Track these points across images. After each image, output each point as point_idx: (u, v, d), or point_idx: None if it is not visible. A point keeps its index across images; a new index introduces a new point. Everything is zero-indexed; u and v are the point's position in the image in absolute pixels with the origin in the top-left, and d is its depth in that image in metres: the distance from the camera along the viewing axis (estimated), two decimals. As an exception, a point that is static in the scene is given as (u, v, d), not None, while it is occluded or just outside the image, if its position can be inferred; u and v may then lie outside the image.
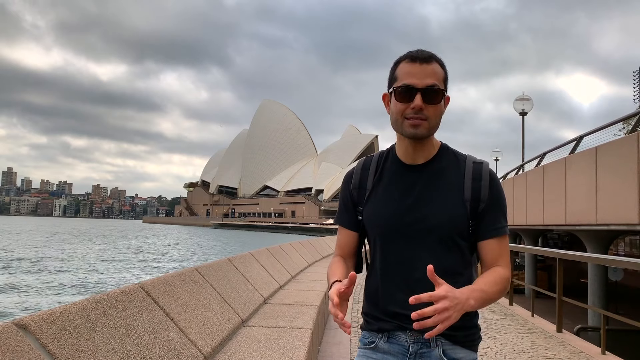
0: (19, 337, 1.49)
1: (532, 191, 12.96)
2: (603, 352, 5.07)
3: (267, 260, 6.18)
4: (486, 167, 1.49)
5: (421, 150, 1.49)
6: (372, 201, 1.52)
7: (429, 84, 1.40)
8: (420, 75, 1.40)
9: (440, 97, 1.42)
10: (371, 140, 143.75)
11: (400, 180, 1.50)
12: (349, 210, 1.60)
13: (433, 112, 1.41)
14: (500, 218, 1.47)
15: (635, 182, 7.43)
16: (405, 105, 1.41)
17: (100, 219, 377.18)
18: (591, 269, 10.39)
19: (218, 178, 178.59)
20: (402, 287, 1.45)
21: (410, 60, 1.43)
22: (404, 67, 1.44)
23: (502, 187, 1.53)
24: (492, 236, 1.46)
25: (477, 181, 1.46)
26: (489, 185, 1.46)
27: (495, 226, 1.46)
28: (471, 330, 1.46)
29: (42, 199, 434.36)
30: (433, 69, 1.42)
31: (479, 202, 1.45)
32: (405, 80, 1.41)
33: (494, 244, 1.46)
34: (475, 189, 1.45)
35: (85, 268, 26.29)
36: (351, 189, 1.58)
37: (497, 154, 33.80)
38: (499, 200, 1.48)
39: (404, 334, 1.46)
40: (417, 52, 1.44)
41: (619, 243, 13.13)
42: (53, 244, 45.43)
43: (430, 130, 1.43)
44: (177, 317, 2.59)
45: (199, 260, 33.42)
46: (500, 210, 1.48)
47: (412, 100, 1.40)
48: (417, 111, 1.40)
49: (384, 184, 1.53)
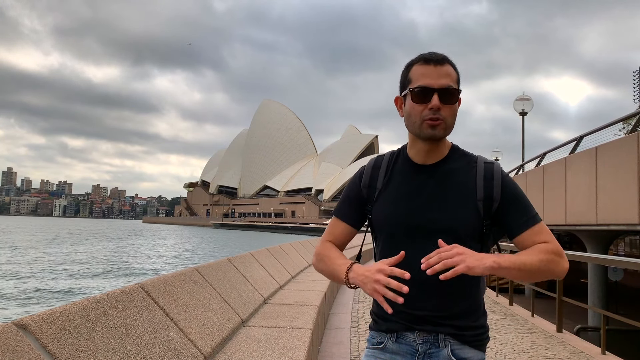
0: (19, 337, 1.49)
1: (532, 191, 12.96)
2: (603, 352, 5.07)
3: (267, 260, 6.18)
4: (497, 167, 1.49)
5: (434, 151, 1.49)
6: (382, 201, 1.52)
7: (445, 84, 1.40)
8: (435, 76, 1.41)
9: (456, 98, 1.43)
10: (371, 140, 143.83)
11: (411, 180, 1.50)
12: (354, 206, 1.59)
13: (449, 112, 1.42)
14: (525, 210, 1.45)
15: (635, 182, 7.43)
16: (422, 106, 1.42)
17: (100, 219, 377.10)
18: (591, 269, 10.39)
19: (218, 178, 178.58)
20: (412, 287, 1.43)
21: (424, 62, 1.44)
22: (418, 69, 1.44)
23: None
24: (523, 230, 1.43)
25: (489, 180, 1.46)
26: (502, 184, 1.46)
27: (523, 219, 1.43)
28: (479, 330, 1.47)
29: (42, 199, 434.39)
30: (447, 70, 1.43)
31: (492, 201, 1.44)
32: (420, 81, 1.42)
33: (529, 235, 1.43)
34: (488, 187, 1.45)
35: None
36: (361, 187, 1.58)
37: (497, 154, 33.80)
38: (517, 194, 1.47)
39: (412, 334, 1.46)
40: (430, 55, 1.45)
41: (619, 243, 13.13)
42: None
43: (447, 130, 1.44)
44: (177, 317, 2.59)
45: (200, 260, 33.42)
46: (521, 203, 1.46)
47: (429, 101, 1.40)
48: (435, 111, 1.40)
49: (395, 184, 1.53)
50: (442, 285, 1.40)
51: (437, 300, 1.43)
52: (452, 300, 1.42)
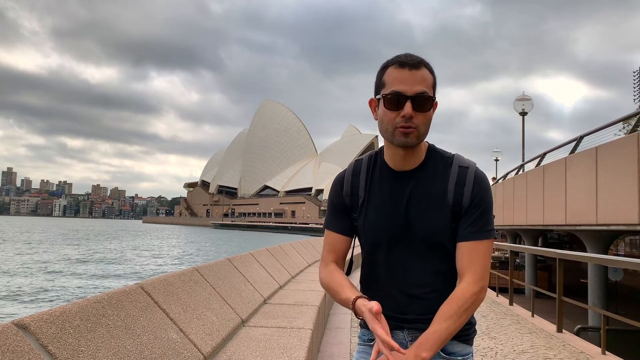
0: (19, 337, 1.49)
1: (532, 191, 12.96)
2: (603, 352, 5.07)
3: (267, 260, 6.18)
4: (471, 170, 1.46)
5: (410, 156, 1.47)
6: (365, 209, 1.52)
7: (419, 91, 1.37)
8: (409, 82, 1.37)
9: (430, 105, 1.40)
10: (371, 140, 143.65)
11: (390, 187, 1.50)
12: (341, 215, 1.58)
13: (422, 120, 1.39)
14: (479, 222, 1.43)
15: (635, 182, 7.43)
16: (395, 113, 1.38)
17: (100, 219, 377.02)
18: (591, 269, 10.39)
19: (218, 178, 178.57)
20: (398, 294, 1.48)
21: (399, 65, 1.39)
22: (392, 73, 1.40)
23: (493, 190, 1.51)
24: (467, 239, 1.42)
25: (461, 186, 1.44)
26: (472, 190, 1.43)
27: (471, 229, 1.42)
28: (466, 326, 1.47)
29: (42, 199, 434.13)
30: (422, 75, 1.39)
31: (460, 207, 1.43)
32: (394, 86, 1.38)
33: (466, 248, 1.42)
34: (458, 194, 1.43)
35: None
36: (343, 196, 1.56)
37: (497, 153, 33.80)
38: (481, 204, 1.44)
39: (402, 332, 1.49)
40: (406, 58, 1.40)
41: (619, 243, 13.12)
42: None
43: (420, 138, 1.42)
44: (177, 317, 2.59)
45: (200, 260, 33.40)
46: (480, 213, 1.43)
47: (402, 108, 1.37)
48: (407, 119, 1.37)
49: (375, 192, 1.52)
50: (428, 291, 1.45)
51: (423, 305, 1.45)
52: (437, 303, 1.42)
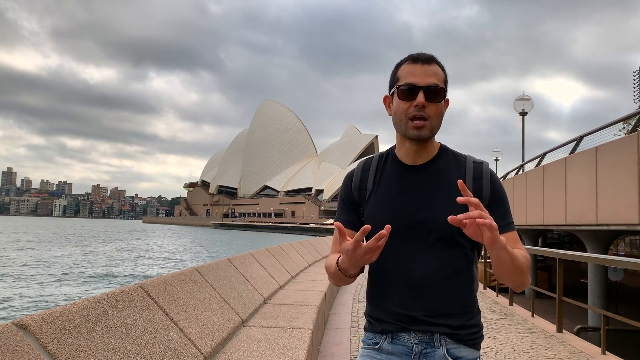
0: (19, 337, 1.49)
1: (532, 191, 12.96)
2: (603, 352, 5.06)
3: (267, 260, 6.18)
4: (486, 166, 1.51)
5: (422, 151, 1.50)
6: (373, 202, 1.52)
7: (431, 82, 1.42)
8: (422, 74, 1.43)
9: (442, 96, 1.44)
10: (371, 140, 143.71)
11: (401, 180, 1.51)
12: (349, 210, 1.59)
13: (435, 111, 1.43)
14: (505, 214, 1.48)
15: (635, 182, 7.43)
16: (408, 104, 1.43)
17: (100, 219, 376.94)
18: (591, 269, 10.39)
19: (218, 178, 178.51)
20: (404, 287, 1.45)
21: (412, 61, 1.46)
22: (405, 68, 1.47)
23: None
24: (501, 232, 1.42)
25: (479, 180, 1.48)
26: (490, 184, 1.48)
27: (501, 223, 1.44)
28: (474, 329, 1.47)
29: (42, 199, 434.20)
30: (434, 69, 1.45)
31: (481, 200, 1.43)
32: (407, 79, 1.44)
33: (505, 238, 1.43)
34: (477, 187, 1.47)
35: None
36: (352, 190, 1.58)
37: (497, 154, 33.80)
38: (501, 197, 1.49)
39: (407, 334, 1.46)
40: (419, 54, 1.47)
41: (619, 243, 13.13)
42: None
43: (433, 130, 1.45)
44: (177, 317, 2.59)
45: (200, 260, 33.40)
46: (503, 207, 1.48)
47: (415, 98, 1.42)
48: (419, 109, 1.41)
49: (385, 185, 1.53)
50: (435, 284, 1.43)
51: (431, 300, 1.43)
52: (445, 300, 1.42)
